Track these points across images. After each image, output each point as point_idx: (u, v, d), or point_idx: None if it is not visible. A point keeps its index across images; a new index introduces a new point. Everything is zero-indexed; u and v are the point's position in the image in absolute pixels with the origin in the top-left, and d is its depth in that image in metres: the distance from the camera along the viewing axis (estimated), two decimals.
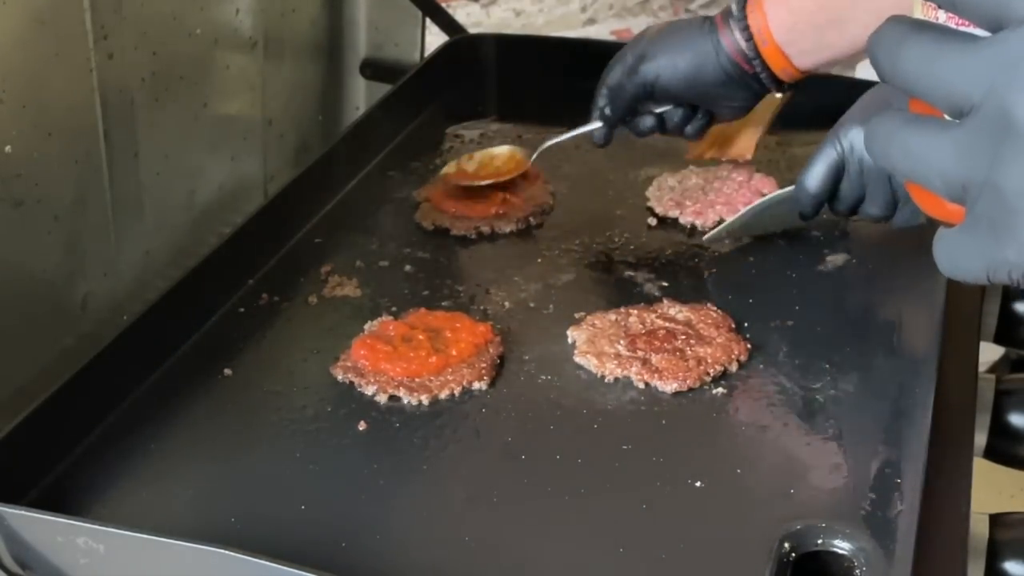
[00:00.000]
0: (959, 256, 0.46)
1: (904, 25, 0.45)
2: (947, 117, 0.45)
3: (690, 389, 0.80)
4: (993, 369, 0.93)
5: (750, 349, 0.83)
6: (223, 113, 1.07)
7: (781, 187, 0.96)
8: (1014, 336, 0.92)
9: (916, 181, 0.46)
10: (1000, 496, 0.81)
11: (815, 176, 0.86)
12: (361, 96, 1.27)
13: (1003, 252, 0.44)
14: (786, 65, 0.90)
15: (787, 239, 0.96)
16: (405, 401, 0.80)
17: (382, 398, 0.80)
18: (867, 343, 0.84)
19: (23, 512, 0.66)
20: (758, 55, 0.91)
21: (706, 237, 0.95)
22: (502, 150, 1.07)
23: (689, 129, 0.97)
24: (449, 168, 1.06)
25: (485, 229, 1.00)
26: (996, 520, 0.72)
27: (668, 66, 0.94)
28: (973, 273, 0.46)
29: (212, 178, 1.06)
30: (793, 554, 0.67)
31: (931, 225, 0.49)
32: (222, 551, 0.62)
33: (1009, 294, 0.91)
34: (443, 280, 0.94)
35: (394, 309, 0.89)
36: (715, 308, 0.86)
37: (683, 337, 0.83)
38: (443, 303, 0.90)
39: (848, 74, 1.55)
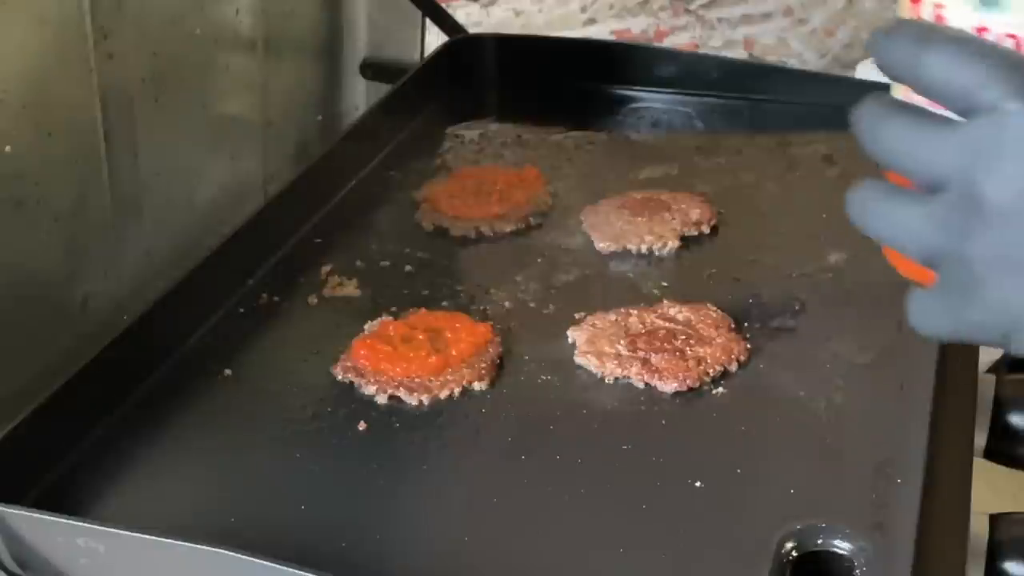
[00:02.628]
0: (930, 316, 0.51)
1: (885, 104, 0.49)
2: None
3: (690, 389, 0.80)
4: (993, 369, 0.93)
5: (750, 349, 0.83)
6: (223, 113, 1.07)
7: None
8: None
9: (892, 247, 0.50)
10: (1000, 496, 0.81)
11: None
12: (361, 96, 1.26)
13: (970, 315, 0.48)
14: None
15: (787, 238, 0.96)
16: (405, 401, 0.80)
17: (382, 398, 0.80)
18: (867, 343, 0.84)
19: (23, 512, 0.66)
20: None
21: None
22: None
23: None
24: None
25: (485, 229, 1.00)
26: (996, 520, 0.72)
27: None
28: (942, 332, 0.51)
29: (212, 178, 1.06)
30: (793, 554, 0.67)
31: None
32: (222, 551, 0.62)
33: None
34: (443, 280, 0.94)
35: (394, 309, 0.89)
36: (715, 308, 0.86)
37: (683, 337, 0.83)
38: (443, 303, 0.90)
39: (849, 74, 1.55)
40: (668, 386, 0.80)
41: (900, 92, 0.50)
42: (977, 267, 0.47)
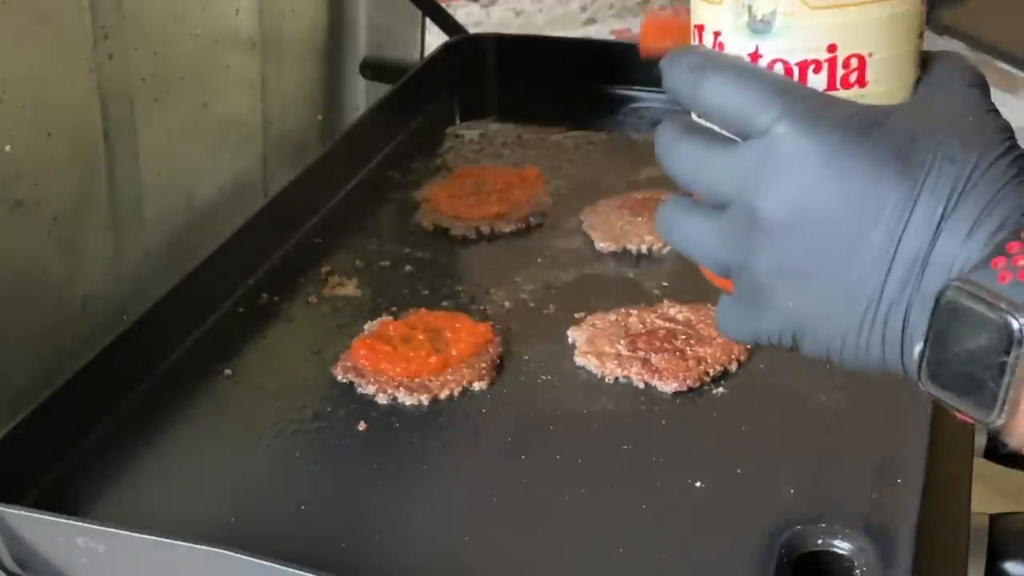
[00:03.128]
0: (731, 322, 0.54)
1: (678, 127, 0.51)
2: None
3: (690, 389, 0.80)
4: None
5: (750, 349, 0.83)
6: (223, 113, 1.07)
7: None
8: None
9: (691, 259, 0.53)
10: (1000, 496, 0.81)
11: None
12: (361, 96, 1.26)
13: (762, 321, 0.51)
14: None
15: None
16: (405, 401, 0.80)
17: (382, 398, 0.80)
18: None
19: (23, 512, 0.66)
20: None
21: None
22: None
23: None
24: None
25: (485, 229, 1.00)
26: (996, 520, 0.72)
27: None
28: (743, 337, 0.54)
29: (212, 178, 1.06)
30: (793, 554, 0.67)
31: None
32: (222, 551, 0.62)
33: None
34: (443, 280, 0.94)
35: (394, 309, 0.89)
36: (715, 308, 0.86)
37: (683, 337, 0.83)
38: (443, 303, 0.90)
39: None
40: (668, 386, 0.80)
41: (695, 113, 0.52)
42: (763, 278, 0.50)
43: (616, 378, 0.81)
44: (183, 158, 1.01)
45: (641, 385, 0.80)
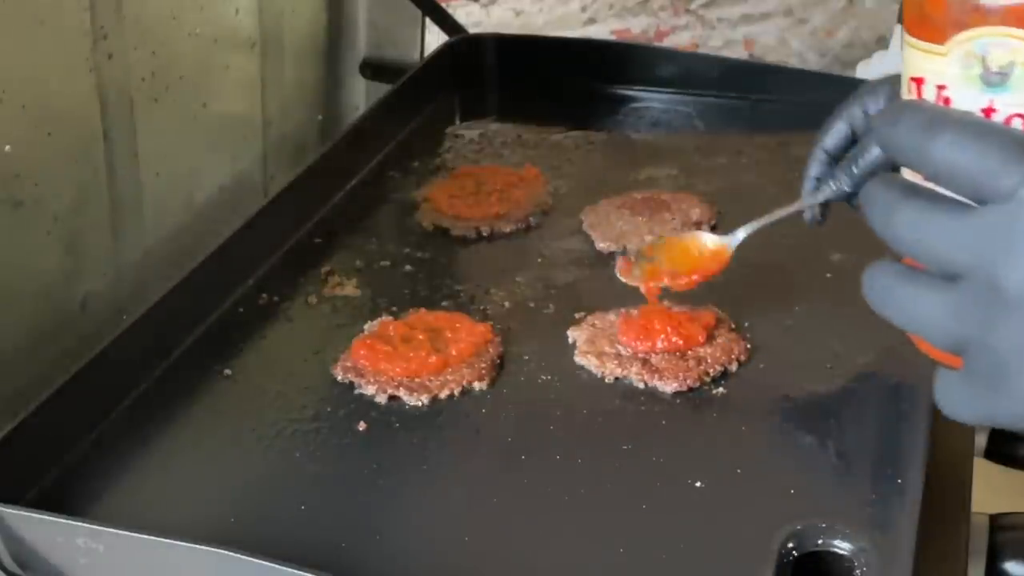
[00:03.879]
0: (960, 402, 0.49)
1: (896, 189, 0.47)
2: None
3: (690, 389, 0.80)
4: None
5: (750, 349, 0.83)
6: (223, 113, 1.07)
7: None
8: None
9: (914, 334, 0.49)
10: (1000, 496, 0.81)
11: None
12: (361, 96, 1.27)
13: (999, 403, 0.47)
14: None
15: (789, 238, 0.96)
16: (405, 401, 0.80)
17: (382, 398, 0.80)
18: (867, 343, 0.84)
19: (23, 512, 0.66)
20: None
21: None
22: (693, 239, 0.85)
23: None
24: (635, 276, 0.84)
25: (485, 229, 1.00)
26: (996, 520, 0.72)
27: None
28: (973, 419, 0.49)
29: (212, 178, 1.06)
30: (793, 554, 0.67)
31: None
32: (222, 551, 0.62)
33: None
34: (443, 280, 0.94)
35: (394, 309, 0.89)
36: (715, 308, 0.86)
37: None
38: (443, 303, 0.90)
39: (848, 74, 1.55)
40: (668, 386, 0.80)
41: (909, 172, 0.49)
42: (1003, 356, 0.45)
43: (616, 378, 0.81)
44: (183, 158, 1.01)
45: (641, 385, 0.80)
